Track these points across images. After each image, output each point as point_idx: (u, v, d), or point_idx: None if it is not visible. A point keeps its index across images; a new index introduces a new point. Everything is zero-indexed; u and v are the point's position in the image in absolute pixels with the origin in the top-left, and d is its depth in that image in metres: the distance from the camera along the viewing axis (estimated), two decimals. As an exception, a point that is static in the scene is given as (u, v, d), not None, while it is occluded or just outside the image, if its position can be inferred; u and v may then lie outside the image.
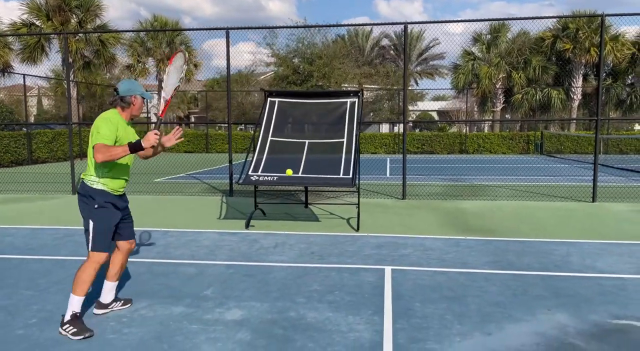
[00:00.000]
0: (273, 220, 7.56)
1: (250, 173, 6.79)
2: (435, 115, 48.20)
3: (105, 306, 4.01)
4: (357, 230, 6.78)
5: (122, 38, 26.97)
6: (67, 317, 3.58)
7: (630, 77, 29.38)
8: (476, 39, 28.00)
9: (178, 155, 24.07)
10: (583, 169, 16.35)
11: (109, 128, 3.62)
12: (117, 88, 3.78)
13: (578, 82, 27.68)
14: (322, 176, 6.65)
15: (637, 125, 38.77)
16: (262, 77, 44.85)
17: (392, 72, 46.18)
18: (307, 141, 7.23)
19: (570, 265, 5.22)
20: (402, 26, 9.20)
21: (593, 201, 9.17)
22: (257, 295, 4.36)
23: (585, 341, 3.46)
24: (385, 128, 44.53)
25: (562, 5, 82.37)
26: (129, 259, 5.37)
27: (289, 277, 4.86)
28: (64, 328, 3.55)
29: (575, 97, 27.92)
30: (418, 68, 54.49)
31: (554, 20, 26.45)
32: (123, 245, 4.04)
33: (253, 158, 7.03)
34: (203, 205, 9.04)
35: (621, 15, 8.66)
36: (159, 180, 13.10)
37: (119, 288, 4.47)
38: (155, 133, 3.57)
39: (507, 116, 30.64)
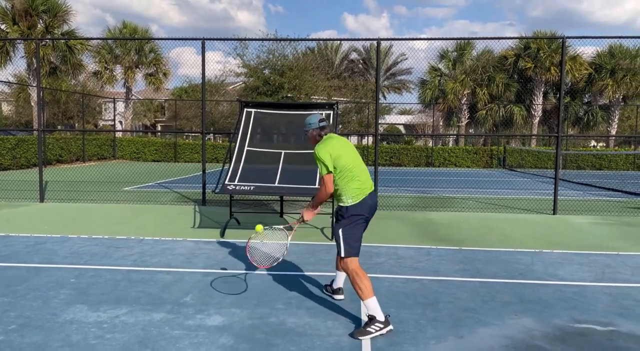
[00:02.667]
0: (248, 229, 7.63)
1: (226, 182, 6.86)
2: (402, 129, 49.12)
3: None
4: (332, 239, 6.93)
5: (89, 44, 26.57)
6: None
7: (587, 95, 30.75)
8: (442, 55, 28.81)
9: (146, 164, 23.79)
10: (543, 183, 17.00)
11: None
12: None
13: (539, 99, 28.78)
14: (299, 186, 6.79)
15: (592, 141, 40.45)
16: (231, 87, 44.81)
17: (361, 85, 46.89)
18: (283, 151, 7.37)
19: (533, 273, 5.50)
20: (374, 42, 9.47)
21: (554, 213, 9.60)
22: (237, 302, 4.45)
23: (550, 344, 3.69)
24: (353, 140, 44.96)
25: (522, 25, 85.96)
26: (107, 267, 5.40)
27: (267, 284, 4.97)
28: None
29: (536, 113, 28.99)
30: (386, 82, 55.44)
31: (516, 39, 27.51)
32: None
33: (229, 167, 7.11)
34: (176, 213, 9.03)
35: (580, 37, 9.17)
36: (128, 189, 12.96)
37: (92, 295, 4.49)
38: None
39: (470, 131, 31.52)
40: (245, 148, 7.35)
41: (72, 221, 8.22)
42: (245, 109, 7.81)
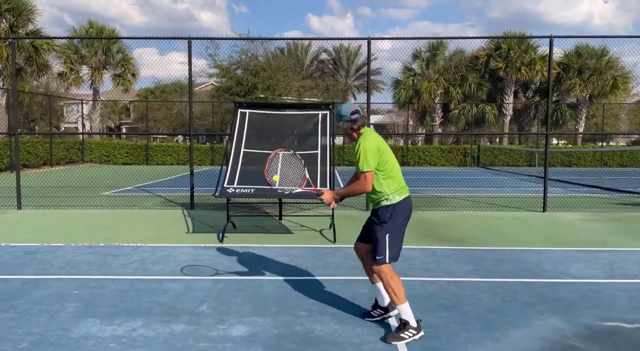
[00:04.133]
0: (245, 233, 7.43)
1: (225, 185, 6.64)
2: (372, 129, 49.28)
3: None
4: (334, 241, 6.79)
5: (56, 44, 25.66)
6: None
7: (555, 94, 31.52)
8: (416, 55, 29.06)
9: (117, 167, 23.12)
10: (521, 180, 17.29)
11: None
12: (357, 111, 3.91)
13: (509, 99, 29.34)
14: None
15: (554, 139, 41.49)
16: (201, 87, 44.10)
17: (332, 85, 46.87)
18: (280, 153, 7.17)
19: (546, 272, 5.49)
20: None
21: (544, 211, 9.72)
22: (256, 310, 4.27)
23: (585, 344, 3.65)
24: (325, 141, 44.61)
25: (482, 26, 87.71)
26: (109, 276, 5.13)
27: (282, 291, 4.79)
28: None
29: (507, 112, 29.55)
30: (356, 82, 55.62)
31: (487, 39, 27.99)
32: None
33: (227, 170, 6.89)
34: (165, 218, 8.72)
35: (567, 37, 9.31)
36: (107, 193, 12.51)
37: (101, 307, 4.25)
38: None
39: (452, 128, 31.91)
40: (242, 149, 7.14)
41: (57, 228, 7.83)
42: (240, 110, 7.59)
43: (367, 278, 4.22)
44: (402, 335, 3.65)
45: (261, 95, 32.17)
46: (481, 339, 3.71)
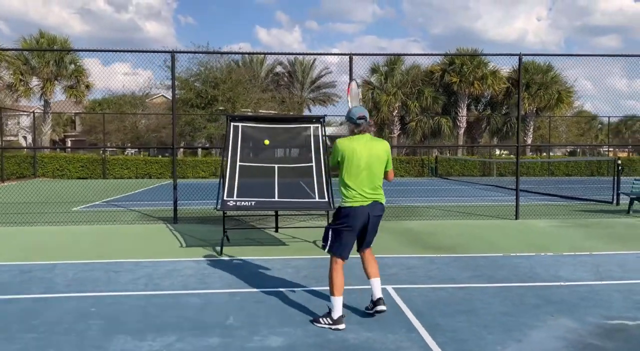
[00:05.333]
0: (241, 246, 7.44)
1: (225, 198, 6.67)
2: (327, 141, 49.75)
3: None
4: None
5: (7, 55, 24.57)
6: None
7: (504, 107, 33.04)
8: (374, 69, 29.78)
9: (71, 182, 22.28)
10: (479, 190, 18.05)
11: None
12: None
13: (463, 112, 30.50)
14: (299, 200, 6.74)
15: (497, 150, 43.32)
16: (154, 98, 43.28)
17: (288, 98, 47.07)
18: (276, 165, 7.29)
19: (540, 276, 5.84)
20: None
21: (516, 218, 10.23)
22: (284, 321, 4.34)
23: (601, 341, 3.95)
24: (281, 153, 44.65)
25: (425, 42, 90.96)
26: (122, 293, 5.07)
27: (301, 301, 4.88)
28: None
29: (461, 124, 30.69)
30: (311, 95, 56.05)
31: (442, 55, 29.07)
32: None
33: (225, 183, 6.91)
34: (152, 233, 8.59)
35: (535, 55, 9.91)
36: (77, 209, 12.13)
37: (127, 324, 4.22)
38: None
39: (394, 142, 32.72)
40: (238, 163, 7.19)
41: (43, 246, 7.57)
42: (232, 123, 7.64)
43: (382, 287, 4.64)
44: (322, 319, 4.18)
45: (221, 108, 31.99)
46: (505, 340, 3.95)
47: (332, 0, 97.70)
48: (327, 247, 4.31)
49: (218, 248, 7.20)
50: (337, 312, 4.14)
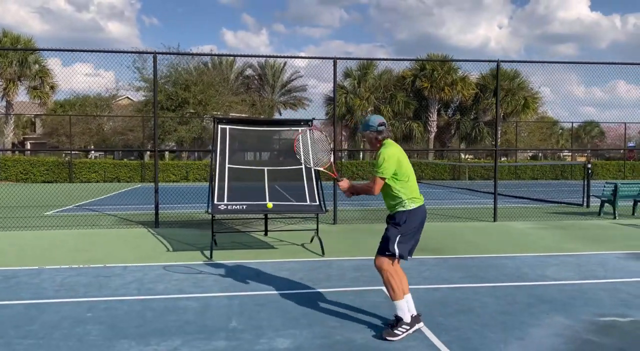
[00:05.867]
0: (230, 249, 7.38)
1: (216, 202, 6.60)
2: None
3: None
4: (323, 255, 6.95)
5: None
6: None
7: (473, 113, 33.76)
8: (347, 74, 29.99)
9: (36, 186, 21.63)
10: (451, 192, 18.38)
11: None
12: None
13: (434, 116, 31.03)
14: (292, 203, 6.74)
15: (462, 154, 44.28)
16: (119, 100, 42.37)
17: (259, 101, 46.84)
18: (265, 168, 7.26)
19: (528, 276, 6.00)
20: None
21: (494, 221, 10.48)
22: (287, 323, 4.33)
23: (597, 337, 4.09)
24: (249, 155, 44.27)
25: (391, 47, 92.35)
26: (116, 297, 4.96)
27: (302, 303, 4.88)
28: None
29: (431, 129, 31.20)
30: (282, 98, 55.96)
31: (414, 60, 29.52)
32: None
33: (215, 186, 6.84)
34: (134, 237, 8.42)
35: (512, 61, 10.19)
36: (50, 213, 11.78)
37: (127, 329, 4.14)
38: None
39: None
40: (227, 165, 7.13)
41: (22, 251, 7.32)
42: (220, 126, 7.58)
43: (372, 288, 4.50)
44: (396, 331, 3.97)
45: (191, 110, 31.61)
46: (508, 338, 4.04)
47: (298, 4, 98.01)
48: (396, 252, 4.04)
49: (206, 252, 7.12)
50: (407, 314, 4.04)
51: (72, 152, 32.15)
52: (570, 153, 51.08)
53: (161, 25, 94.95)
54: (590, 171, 13.20)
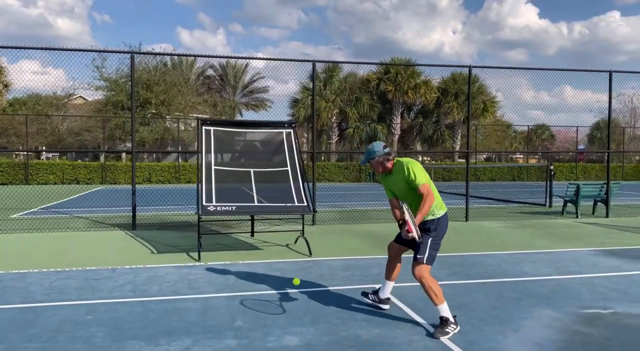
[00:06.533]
0: (216, 251, 7.37)
1: (205, 203, 6.59)
2: (259, 146, 49.68)
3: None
4: (311, 255, 7.05)
5: None
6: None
7: (434, 116, 34.57)
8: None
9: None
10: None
11: None
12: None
13: (397, 119, 31.60)
14: (281, 204, 6.80)
15: (420, 156, 45.30)
16: (73, 99, 41.09)
17: (220, 102, 46.37)
18: (252, 170, 7.30)
19: (509, 272, 6.28)
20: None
21: (466, 220, 10.84)
22: (292, 321, 4.41)
23: (585, 327, 4.36)
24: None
25: (349, 50, 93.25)
26: (112, 300, 4.91)
27: (301, 302, 4.97)
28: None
29: (395, 131, 31.76)
30: (243, 100, 55.57)
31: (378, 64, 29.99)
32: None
33: (202, 188, 6.82)
34: (114, 240, 8.27)
35: (484, 67, 10.60)
36: (16, 216, 11.38)
37: (133, 330, 4.14)
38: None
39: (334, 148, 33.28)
40: (213, 167, 7.12)
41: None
42: (204, 127, 7.56)
43: (365, 286, 5.03)
44: (446, 329, 4.12)
45: (153, 111, 31.02)
46: (504, 331, 4.26)
47: (255, 4, 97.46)
48: (431, 260, 4.35)
49: (192, 254, 7.10)
50: (450, 314, 4.21)
51: (24, 153, 30.93)
52: (522, 156, 53.03)
53: (114, 23, 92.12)
54: (552, 173, 13.81)
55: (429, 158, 42.78)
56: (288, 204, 6.89)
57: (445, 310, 4.19)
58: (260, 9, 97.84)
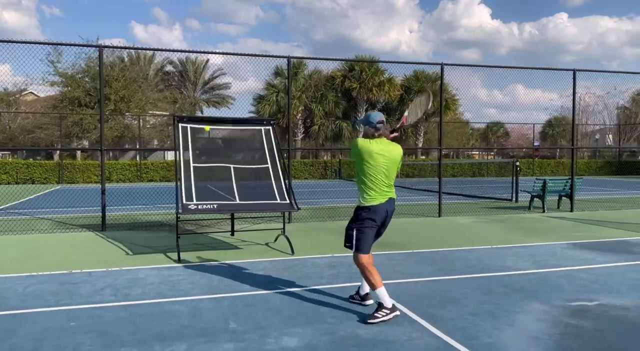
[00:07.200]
0: (195, 251, 7.15)
1: (185, 202, 6.38)
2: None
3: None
4: (293, 253, 6.95)
5: None
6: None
7: (397, 113, 34.91)
8: (278, 73, 29.93)
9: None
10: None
11: None
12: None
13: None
14: (263, 202, 6.66)
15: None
16: (23, 95, 39.39)
17: (181, 98, 45.46)
18: (232, 166, 7.12)
19: (492, 267, 6.36)
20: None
21: (439, 216, 10.96)
22: (287, 322, 4.31)
23: (575, 320, 4.44)
24: (171, 155, 43.12)
25: (308, 47, 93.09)
26: (94, 305, 4.69)
27: (292, 301, 4.87)
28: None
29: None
30: (204, 96, 54.67)
31: (342, 61, 30.04)
32: None
33: (181, 186, 6.60)
34: (84, 242, 7.92)
35: (457, 65, 10.74)
36: (-28, 217, 10.76)
37: (122, 336, 3.95)
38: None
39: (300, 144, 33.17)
40: (191, 164, 6.91)
41: (-42, 259, 6.66)
42: (180, 124, 7.32)
43: (354, 284, 5.13)
44: (376, 314, 4.29)
45: (112, 108, 30.02)
46: (499, 325, 4.29)
47: (212, 0, 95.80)
48: (354, 247, 4.42)
49: (170, 254, 6.88)
50: (388, 301, 4.32)
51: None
52: (478, 152, 54.35)
53: (64, 16, 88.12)
54: (518, 169, 14.16)
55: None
56: (271, 202, 6.77)
57: (381, 296, 4.35)
58: (217, 5, 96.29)
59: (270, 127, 7.77)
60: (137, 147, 30.70)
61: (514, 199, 14.05)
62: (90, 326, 4.17)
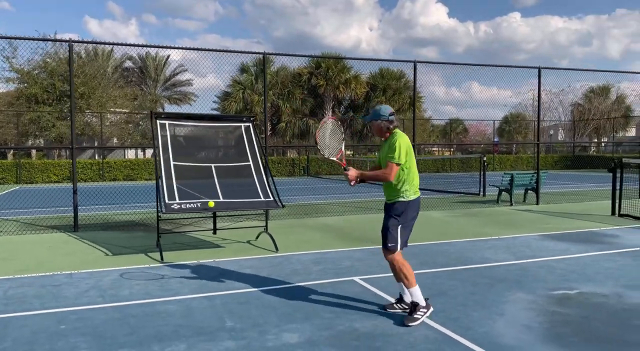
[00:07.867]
0: (177, 250, 7.04)
1: (168, 201, 6.26)
2: (182, 141, 48.39)
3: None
4: (277, 250, 6.93)
5: None
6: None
7: (363, 110, 35.20)
8: (244, 69, 29.66)
9: None
10: (356, 187, 19.06)
11: None
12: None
13: (329, 113, 31.83)
14: (247, 200, 6.61)
15: (349, 150, 46.16)
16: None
17: (142, 95, 44.44)
18: (212, 165, 7.03)
19: (473, 259, 6.53)
20: (257, 55, 9.65)
21: (413, 211, 11.13)
22: (284, 318, 4.31)
23: (560, 308, 4.62)
24: (131, 153, 42.14)
25: (268, 44, 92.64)
26: (82, 307, 4.58)
27: (286, 298, 4.87)
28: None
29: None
30: (165, 93, 53.60)
31: (309, 58, 30.02)
32: None
33: (162, 184, 6.48)
34: (58, 243, 7.67)
35: (431, 63, 10.92)
36: None
37: (118, 338, 3.88)
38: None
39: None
40: (172, 162, 6.79)
41: None
42: (158, 121, 7.18)
43: (343, 279, 5.16)
44: (415, 316, 4.21)
45: (66, 106, 29.02)
46: (491, 316, 4.41)
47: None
48: (398, 245, 4.32)
49: (151, 254, 6.75)
50: (422, 299, 4.27)
51: None
52: (437, 148, 55.45)
53: (12, 10, 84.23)
54: (486, 164, 14.53)
55: (351, 152, 43.63)
56: (255, 199, 6.72)
57: (415, 295, 4.27)
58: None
59: (250, 124, 7.72)
60: (96, 144, 29.88)
61: (481, 193, 14.41)
62: (81, 328, 4.06)
